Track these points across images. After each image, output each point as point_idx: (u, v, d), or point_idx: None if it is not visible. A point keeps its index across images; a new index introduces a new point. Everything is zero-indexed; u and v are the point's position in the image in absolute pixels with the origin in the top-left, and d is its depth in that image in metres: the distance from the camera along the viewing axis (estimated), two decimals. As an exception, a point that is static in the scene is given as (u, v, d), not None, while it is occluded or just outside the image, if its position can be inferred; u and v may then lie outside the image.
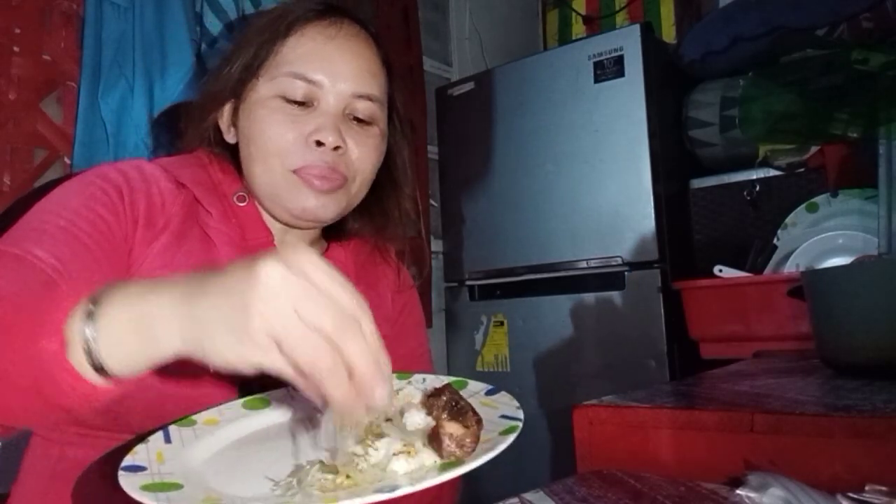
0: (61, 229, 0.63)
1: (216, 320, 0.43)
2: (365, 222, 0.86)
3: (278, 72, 0.74)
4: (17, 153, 1.23)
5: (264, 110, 0.74)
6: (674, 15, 2.35)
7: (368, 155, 0.77)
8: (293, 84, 0.73)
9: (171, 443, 0.54)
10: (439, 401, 0.51)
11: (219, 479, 0.50)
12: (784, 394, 0.68)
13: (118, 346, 0.46)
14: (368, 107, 0.77)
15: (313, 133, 0.73)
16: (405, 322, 0.89)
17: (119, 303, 0.46)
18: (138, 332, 0.46)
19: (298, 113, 0.74)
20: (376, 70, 0.79)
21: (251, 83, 0.75)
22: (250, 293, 0.42)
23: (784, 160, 1.71)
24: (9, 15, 1.22)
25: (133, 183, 0.70)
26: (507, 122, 1.98)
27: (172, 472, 0.49)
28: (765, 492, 0.47)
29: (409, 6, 2.12)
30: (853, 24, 1.62)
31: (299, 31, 0.75)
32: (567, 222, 1.85)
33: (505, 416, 0.54)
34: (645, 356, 1.69)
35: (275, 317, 0.41)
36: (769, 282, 1.41)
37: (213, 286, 0.44)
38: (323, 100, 0.74)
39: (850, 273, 0.86)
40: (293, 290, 0.42)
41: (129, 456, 0.50)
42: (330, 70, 0.74)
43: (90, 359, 0.45)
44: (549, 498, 0.53)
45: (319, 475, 0.47)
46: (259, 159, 0.74)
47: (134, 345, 0.46)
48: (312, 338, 0.42)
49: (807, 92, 1.60)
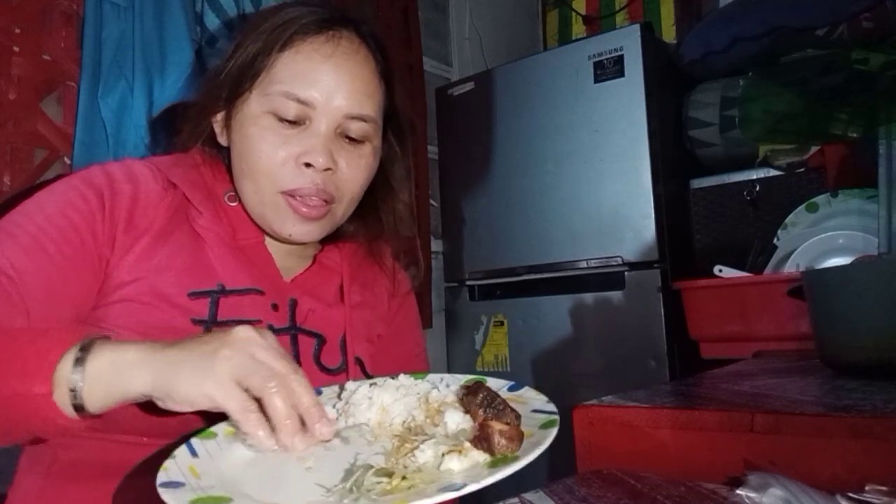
0: (30, 236, 0.64)
1: (186, 362, 0.53)
2: (359, 226, 0.86)
3: (271, 89, 0.73)
4: (17, 153, 1.23)
5: (255, 128, 0.73)
6: (674, 15, 2.35)
7: (358, 175, 0.77)
8: (285, 104, 0.72)
9: (199, 457, 0.53)
10: (476, 398, 0.52)
11: (264, 490, 0.48)
12: (784, 394, 0.68)
13: (97, 390, 0.53)
14: (361, 127, 0.76)
15: (303, 155, 0.72)
16: (401, 322, 0.90)
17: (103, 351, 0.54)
18: (115, 376, 0.54)
19: (289, 133, 0.73)
20: (372, 90, 0.77)
21: (244, 95, 0.75)
22: (218, 343, 0.54)
23: (784, 160, 1.71)
24: (9, 15, 1.22)
25: (117, 185, 0.71)
26: (507, 122, 1.98)
27: (213, 486, 0.48)
28: (765, 492, 0.47)
29: (409, 6, 2.12)
30: (853, 24, 1.62)
31: (295, 47, 0.74)
32: (567, 222, 1.85)
33: (536, 411, 0.55)
34: (645, 356, 1.69)
35: (237, 357, 0.53)
36: (769, 282, 1.41)
37: (184, 342, 0.55)
38: (315, 119, 0.73)
39: (850, 273, 0.86)
40: (252, 343, 0.55)
41: (162, 472, 0.49)
42: (324, 90, 0.73)
43: (74, 400, 0.53)
44: (549, 498, 0.53)
45: (375, 479, 0.47)
46: (249, 177, 0.74)
47: (110, 387, 0.54)
48: (265, 372, 0.53)
49: (807, 92, 1.60)
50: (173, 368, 0.52)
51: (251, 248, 0.78)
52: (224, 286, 0.72)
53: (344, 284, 0.83)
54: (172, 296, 0.69)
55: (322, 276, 0.83)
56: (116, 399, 0.54)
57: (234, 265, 0.74)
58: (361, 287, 0.85)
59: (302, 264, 0.83)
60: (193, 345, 0.54)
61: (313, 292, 0.80)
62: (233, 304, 0.72)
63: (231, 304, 0.72)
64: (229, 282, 0.73)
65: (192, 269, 0.72)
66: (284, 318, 0.76)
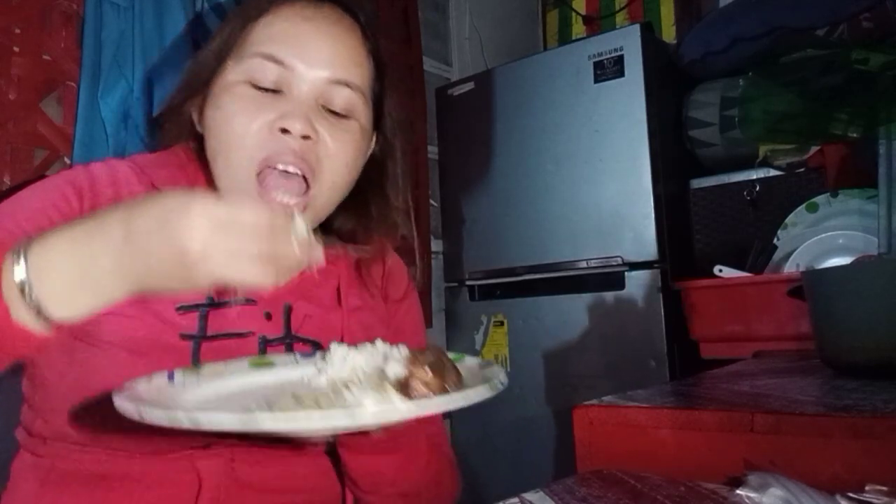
0: (7, 232, 0.62)
1: (159, 271, 0.46)
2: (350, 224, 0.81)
3: (248, 52, 0.67)
4: (17, 153, 1.23)
5: (229, 97, 0.67)
6: (674, 15, 2.35)
7: (342, 151, 0.69)
8: (262, 66, 0.66)
9: (173, 384, 0.55)
10: (423, 357, 0.52)
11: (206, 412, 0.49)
12: (784, 394, 0.68)
13: (55, 284, 0.47)
14: (347, 96, 0.69)
15: (279, 120, 0.65)
16: (401, 322, 0.86)
17: (52, 249, 0.48)
18: (78, 277, 0.47)
19: (266, 101, 0.66)
20: (359, 58, 0.71)
21: (220, 69, 0.69)
22: (173, 238, 0.45)
23: (784, 160, 1.71)
24: (9, 15, 1.22)
25: (99, 188, 0.68)
26: (507, 122, 1.98)
27: (161, 404, 0.48)
28: (765, 492, 0.47)
29: (409, 6, 2.12)
30: (853, 24, 1.62)
31: (273, 11, 0.69)
32: (567, 222, 1.85)
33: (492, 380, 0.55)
34: (645, 356, 1.69)
35: (210, 261, 0.45)
36: (769, 282, 1.41)
37: (133, 232, 0.47)
38: (294, 86, 0.67)
39: (850, 273, 0.86)
40: (213, 226, 0.46)
41: (128, 384, 0.51)
42: (303, 53, 0.67)
43: (30, 301, 0.47)
44: (549, 498, 0.53)
45: (290, 402, 0.51)
46: (222, 154, 0.67)
47: (72, 286, 0.48)
48: (247, 266, 0.46)
49: (807, 92, 1.60)
50: (149, 279, 0.47)
51: None
52: (213, 298, 0.67)
53: (341, 287, 0.78)
54: (160, 310, 0.65)
55: (318, 279, 0.76)
56: (91, 303, 0.49)
57: None
58: (360, 288, 0.81)
59: None
60: (152, 241, 0.47)
61: (309, 296, 0.75)
62: (222, 316, 0.68)
63: (221, 316, 0.68)
64: (219, 292, 0.68)
65: None
66: (279, 326, 0.72)
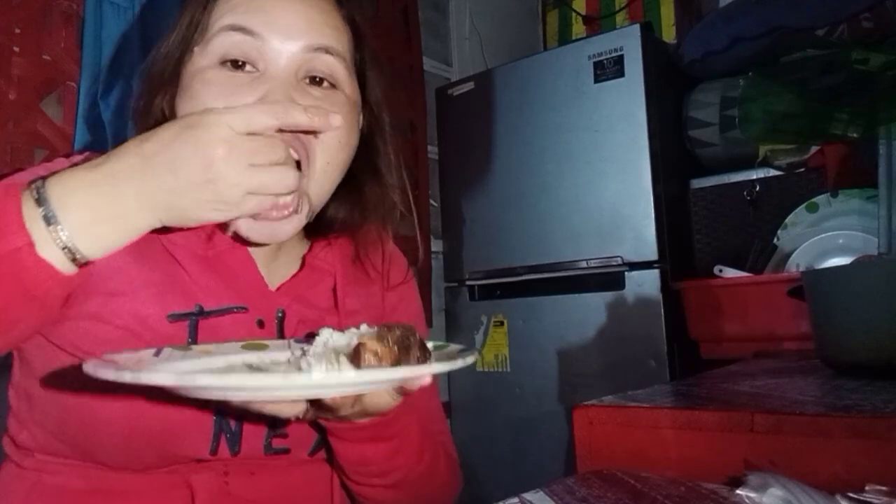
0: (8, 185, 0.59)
1: (185, 195, 0.49)
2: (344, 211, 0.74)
3: (214, 30, 0.62)
4: (17, 153, 1.23)
5: (201, 83, 0.61)
6: (674, 15, 2.35)
7: None
8: (230, 39, 0.61)
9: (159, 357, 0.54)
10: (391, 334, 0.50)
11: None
12: (784, 394, 0.68)
13: (82, 215, 0.48)
14: (329, 63, 0.63)
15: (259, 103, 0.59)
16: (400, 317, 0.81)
17: (70, 183, 0.49)
18: (103, 204, 0.48)
19: (240, 81, 0.61)
20: (335, 22, 0.66)
21: (187, 57, 0.64)
22: (199, 159, 0.48)
23: (784, 160, 1.71)
24: (9, 15, 1.22)
25: None
26: (507, 122, 1.98)
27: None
28: (765, 492, 0.47)
29: (409, 6, 2.12)
30: (853, 24, 1.63)
31: None
32: (567, 222, 1.85)
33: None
34: (645, 356, 1.69)
35: (228, 180, 0.49)
36: (769, 282, 1.41)
37: (154, 160, 0.49)
38: (272, 62, 0.61)
39: (850, 273, 0.86)
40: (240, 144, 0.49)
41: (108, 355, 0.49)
42: (274, 21, 0.61)
43: (56, 236, 0.47)
44: (549, 498, 0.53)
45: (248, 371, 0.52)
46: None
47: (101, 222, 0.48)
48: (267, 178, 0.50)
49: (807, 92, 1.60)
50: (175, 201, 0.49)
51: (229, 254, 0.66)
52: (202, 307, 0.63)
53: (337, 288, 0.73)
54: (150, 318, 0.61)
55: (312, 279, 0.73)
56: (115, 234, 0.50)
57: (211, 280, 0.65)
58: (356, 287, 0.76)
59: (289, 268, 0.73)
60: (174, 152, 0.48)
61: (303, 299, 0.71)
62: (212, 326, 0.64)
63: (210, 326, 0.64)
64: (208, 301, 0.64)
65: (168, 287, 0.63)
66: (272, 334, 0.68)
